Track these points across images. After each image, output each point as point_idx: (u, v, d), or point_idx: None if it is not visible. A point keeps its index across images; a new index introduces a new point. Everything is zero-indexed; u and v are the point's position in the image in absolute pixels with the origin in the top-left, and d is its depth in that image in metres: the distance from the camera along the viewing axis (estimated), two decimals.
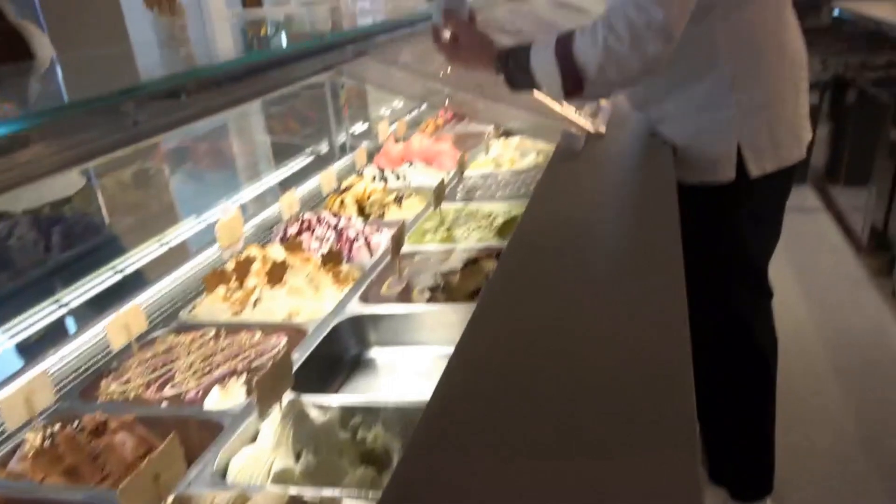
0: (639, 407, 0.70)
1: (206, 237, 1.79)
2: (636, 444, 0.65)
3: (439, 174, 2.09)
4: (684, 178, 1.33)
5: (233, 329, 1.29)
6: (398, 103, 3.01)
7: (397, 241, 1.37)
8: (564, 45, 1.27)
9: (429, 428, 0.71)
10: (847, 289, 3.14)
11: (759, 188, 1.41)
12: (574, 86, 1.29)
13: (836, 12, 4.12)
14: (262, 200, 2.12)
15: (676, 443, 0.64)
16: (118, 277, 1.59)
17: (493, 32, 1.44)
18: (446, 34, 1.45)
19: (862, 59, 3.70)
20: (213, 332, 1.29)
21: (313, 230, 1.68)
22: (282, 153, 2.50)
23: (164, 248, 1.74)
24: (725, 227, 1.44)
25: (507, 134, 2.27)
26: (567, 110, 1.57)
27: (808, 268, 3.25)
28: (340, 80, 1.61)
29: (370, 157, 2.33)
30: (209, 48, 1.37)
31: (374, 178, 2.06)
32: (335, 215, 1.73)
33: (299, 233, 1.67)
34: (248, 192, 2.18)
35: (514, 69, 1.37)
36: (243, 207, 2.11)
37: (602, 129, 1.61)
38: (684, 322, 0.83)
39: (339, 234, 1.64)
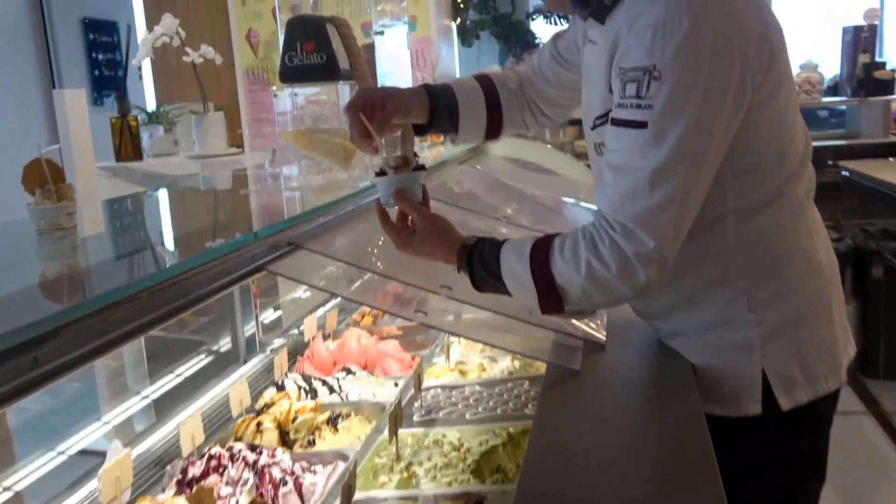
0: None
1: (67, 478, 1.74)
2: None
3: (386, 385, 2.14)
4: (705, 407, 1.42)
5: None
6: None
7: (348, 492, 1.39)
8: (541, 261, 1.37)
9: None
10: None
11: (795, 422, 1.49)
12: (553, 305, 1.39)
13: (844, 173, 4.68)
14: (145, 424, 2.10)
15: None
16: None
17: (440, 192, 1.57)
18: (395, 216, 1.56)
19: (882, 226, 4.16)
20: None
21: (223, 470, 1.67)
22: (168, 354, 2.51)
23: (8, 496, 1.68)
24: (759, 470, 1.51)
25: None
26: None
27: (858, 491, 3.36)
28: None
29: (292, 358, 2.37)
30: (94, 250, 1.45)
31: (301, 391, 2.09)
32: (253, 448, 1.73)
33: (205, 474, 1.65)
34: (123, 412, 2.15)
35: (481, 270, 1.46)
36: (118, 431, 2.07)
37: (602, 338, 1.73)
38: None
39: (261, 474, 1.64)
